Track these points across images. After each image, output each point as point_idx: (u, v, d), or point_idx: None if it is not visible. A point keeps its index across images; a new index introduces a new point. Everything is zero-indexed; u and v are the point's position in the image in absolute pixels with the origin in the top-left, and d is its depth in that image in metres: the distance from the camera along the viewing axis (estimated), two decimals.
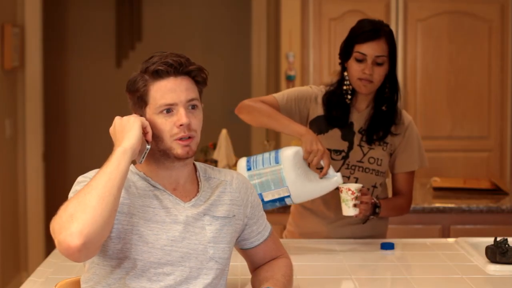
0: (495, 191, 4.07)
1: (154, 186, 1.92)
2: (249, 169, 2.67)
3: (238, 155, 4.37)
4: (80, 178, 1.89)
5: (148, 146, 1.87)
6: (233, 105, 6.77)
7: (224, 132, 4.22)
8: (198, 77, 1.93)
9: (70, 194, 1.84)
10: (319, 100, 2.91)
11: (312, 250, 2.76)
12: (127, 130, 1.81)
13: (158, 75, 1.87)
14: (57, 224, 1.69)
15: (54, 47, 6.55)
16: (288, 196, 2.63)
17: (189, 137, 1.89)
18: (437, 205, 3.78)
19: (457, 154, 5.09)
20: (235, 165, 4.26)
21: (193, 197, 1.95)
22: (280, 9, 5.22)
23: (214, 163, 4.20)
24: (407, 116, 2.95)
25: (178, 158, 1.90)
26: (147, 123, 1.86)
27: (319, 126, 2.90)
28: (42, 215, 5.42)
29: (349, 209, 2.68)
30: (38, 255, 5.39)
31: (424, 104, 5.07)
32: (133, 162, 1.91)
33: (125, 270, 1.85)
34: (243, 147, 6.05)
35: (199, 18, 6.72)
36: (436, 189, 4.14)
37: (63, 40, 6.67)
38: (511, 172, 5.08)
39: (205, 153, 4.36)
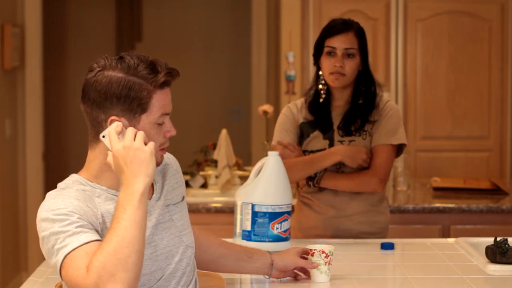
0: (495, 191, 4.07)
1: (116, 196, 1.82)
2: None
3: (238, 155, 4.37)
4: (53, 217, 1.71)
5: None
6: (233, 105, 6.83)
7: (224, 132, 4.22)
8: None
9: (50, 234, 1.69)
10: (298, 109, 2.98)
11: None
12: (145, 166, 1.71)
13: (164, 85, 1.82)
14: (94, 284, 1.61)
15: (54, 47, 6.55)
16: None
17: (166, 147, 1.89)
18: (437, 205, 3.78)
19: (457, 154, 5.09)
20: (235, 165, 4.26)
21: (153, 192, 1.91)
22: (280, 9, 5.22)
23: (214, 163, 4.20)
24: (384, 99, 2.97)
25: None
26: (154, 144, 1.76)
27: (303, 132, 2.98)
28: None
29: (321, 275, 2.29)
30: (38, 255, 5.38)
31: (424, 104, 5.06)
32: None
33: None
34: (243, 147, 6.05)
35: (199, 18, 6.72)
36: (436, 189, 4.14)
37: (63, 40, 6.67)
38: (511, 172, 5.08)
39: (205, 153, 4.36)
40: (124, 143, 1.73)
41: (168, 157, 2.04)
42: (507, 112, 5.07)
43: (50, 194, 1.79)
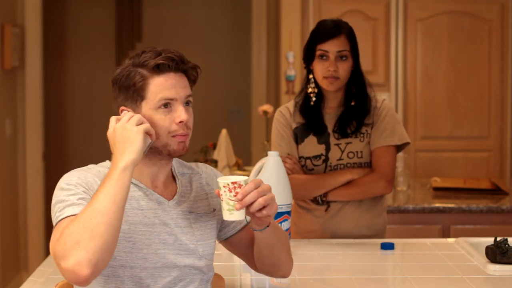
0: (495, 191, 4.07)
1: (136, 185, 1.87)
2: None
3: (238, 155, 4.37)
4: (64, 185, 1.79)
5: (150, 141, 1.82)
6: (233, 105, 6.83)
7: (224, 132, 4.22)
8: (192, 76, 1.91)
9: (56, 202, 1.76)
10: (291, 113, 2.94)
11: (312, 250, 2.76)
12: (129, 143, 1.74)
13: (158, 69, 1.83)
14: (60, 249, 1.63)
15: (54, 47, 6.55)
16: None
17: (185, 134, 1.87)
18: (437, 205, 3.78)
19: (457, 154, 5.09)
20: (235, 165, 4.26)
21: (175, 194, 1.93)
22: (280, 9, 5.22)
23: (214, 163, 4.20)
24: (379, 99, 2.93)
25: (171, 155, 1.87)
26: (149, 127, 1.79)
27: (297, 136, 2.94)
28: (42, 215, 5.42)
29: (225, 212, 1.83)
30: (38, 255, 5.39)
31: (424, 104, 5.06)
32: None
33: (120, 278, 1.83)
34: (243, 147, 6.05)
35: (199, 18, 6.72)
36: (436, 189, 4.14)
37: (63, 40, 6.67)
38: (511, 172, 5.08)
39: (205, 153, 4.37)
40: (115, 125, 1.78)
41: (202, 169, 2.03)
42: (507, 112, 5.07)
43: (75, 169, 1.86)
